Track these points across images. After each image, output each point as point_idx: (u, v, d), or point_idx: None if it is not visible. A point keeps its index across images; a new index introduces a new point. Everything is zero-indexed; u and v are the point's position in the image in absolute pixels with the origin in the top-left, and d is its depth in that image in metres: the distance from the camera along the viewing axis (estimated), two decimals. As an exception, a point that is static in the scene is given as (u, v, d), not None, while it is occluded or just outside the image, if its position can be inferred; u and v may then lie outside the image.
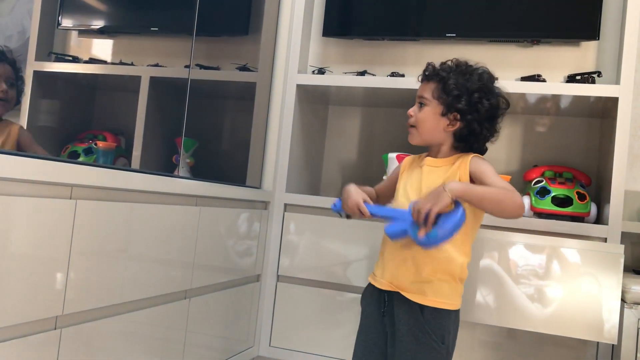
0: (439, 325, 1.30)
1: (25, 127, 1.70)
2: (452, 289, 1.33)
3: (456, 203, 1.23)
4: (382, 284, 1.36)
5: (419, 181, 1.39)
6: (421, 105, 1.39)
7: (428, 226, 1.20)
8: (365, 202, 1.35)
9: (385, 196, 1.53)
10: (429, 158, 1.42)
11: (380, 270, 1.38)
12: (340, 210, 1.43)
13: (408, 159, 1.52)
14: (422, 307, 1.30)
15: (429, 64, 1.41)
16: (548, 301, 1.77)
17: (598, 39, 2.10)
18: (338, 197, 1.47)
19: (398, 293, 1.33)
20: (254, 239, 2.10)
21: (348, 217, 1.41)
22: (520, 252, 1.81)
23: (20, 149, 1.64)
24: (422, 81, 1.42)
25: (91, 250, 1.26)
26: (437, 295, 1.31)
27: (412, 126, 1.41)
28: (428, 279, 1.31)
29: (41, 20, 1.82)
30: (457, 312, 1.36)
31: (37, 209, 1.11)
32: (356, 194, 1.36)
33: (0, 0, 1.73)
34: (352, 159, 2.54)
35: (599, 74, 2.07)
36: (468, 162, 1.34)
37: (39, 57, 1.83)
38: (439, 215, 1.20)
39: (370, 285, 1.43)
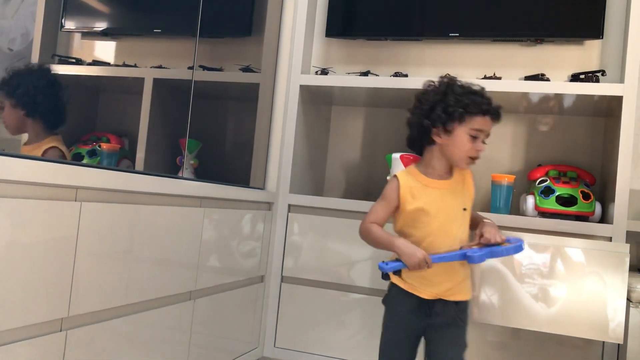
0: (465, 313, 1.54)
1: (58, 148, 1.68)
2: (469, 284, 1.57)
3: None
4: (427, 294, 1.49)
5: (446, 204, 1.50)
6: (483, 141, 1.49)
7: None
8: None
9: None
10: (442, 181, 1.51)
11: (421, 283, 1.50)
12: (398, 267, 1.45)
13: (406, 179, 1.53)
14: (455, 302, 1.51)
15: (498, 106, 1.48)
16: (553, 301, 1.76)
17: (602, 38, 2.10)
18: (340, 196, 1.47)
19: (439, 299, 1.50)
20: (258, 240, 2.10)
21: (397, 273, 1.49)
22: (524, 252, 1.80)
23: None
24: (492, 120, 1.48)
25: (96, 252, 1.27)
26: (466, 291, 1.54)
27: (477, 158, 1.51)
28: (462, 280, 1.52)
29: (44, 23, 1.81)
30: None
31: (42, 211, 1.11)
32: (419, 249, 1.43)
33: (4, 3, 1.73)
34: (356, 159, 2.54)
35: (603, 72, 2.06)
36: (472, 181, 1.56)
37: (43, 60, 1.83)
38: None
39: (400, 289, 1.52)
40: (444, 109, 1.44)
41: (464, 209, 1.51)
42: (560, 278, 1.77)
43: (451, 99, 1.44)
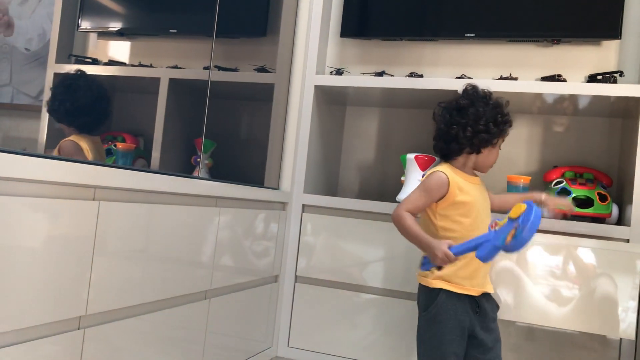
0: None
1: (74, 141, 1.70)
2: None
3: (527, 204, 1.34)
4: (477, 291, 1.55)
5: (483, 198, 1.61)
6: None
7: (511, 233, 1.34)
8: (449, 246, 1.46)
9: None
10: (475, 178, 1.62)
11: (470, 280, 1.54)
12: (431, 266, 1.51)
13: (452, 173, 1.57)
14: (489, 294, 1.59)
15: None
16: (566, 299, 1.76)
17: (620, 38, 2.08)
18: (354, 196, 1.47)
19: (483, 293, 1.57)
20: (272, 239, 2.10)
21: (439, 268, 1.51)
22: (538, 252, 1.80)
23: None
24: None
25: (113, 251, 1.27)
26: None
27: None
28: (488, 270, 1.60)
29: (61, 23, 1.83)
30: None
31: (61, 210, 1.12)
32: (441, 244, 1.44)
33: (21, 4, 1.74)
34: (370, 159, 2.54)
35: (621, 73, 2.04)
36: None
37: (59, 60, 1.85)
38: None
39: (450, 292, 1.54)
40: (495, 124, 1.52)
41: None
42: (573, 278, 1.76)
43: (499, 113, 1.53)
